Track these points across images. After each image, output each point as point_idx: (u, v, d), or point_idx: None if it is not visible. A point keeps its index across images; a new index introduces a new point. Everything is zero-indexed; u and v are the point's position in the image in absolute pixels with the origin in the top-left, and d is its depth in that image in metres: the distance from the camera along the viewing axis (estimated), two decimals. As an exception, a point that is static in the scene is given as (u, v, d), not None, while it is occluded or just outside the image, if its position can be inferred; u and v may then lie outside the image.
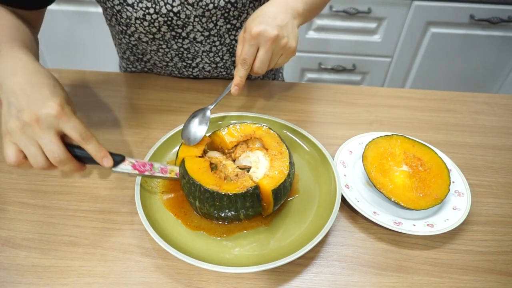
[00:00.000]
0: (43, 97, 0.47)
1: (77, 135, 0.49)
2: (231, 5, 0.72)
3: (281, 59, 0.60)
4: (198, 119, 0.63)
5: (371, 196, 0.63)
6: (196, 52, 0.80)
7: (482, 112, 0.82)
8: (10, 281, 0.51)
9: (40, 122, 0.46)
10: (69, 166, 0.50)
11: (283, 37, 0.57)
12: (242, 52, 0.58)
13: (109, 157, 0.52)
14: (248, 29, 0.57)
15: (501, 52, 1.55)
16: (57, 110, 0.47)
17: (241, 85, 0.60)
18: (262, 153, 0.61)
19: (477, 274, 0.54)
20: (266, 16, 0.57)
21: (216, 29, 0.76)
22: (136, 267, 0.53)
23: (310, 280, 0.52)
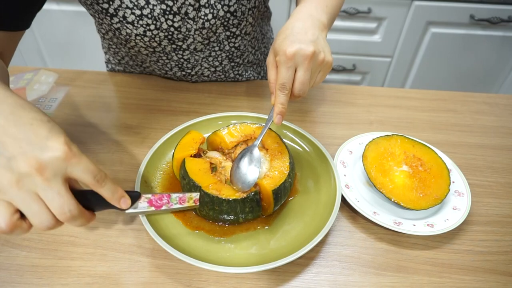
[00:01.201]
0: (40, 137, 0.37)
1: (91, 177, 0.40)
2: (230, 14, 0.72)
3: (319, 76, 0.57)
4: (247, 159, 0.57)
5: (371, 196, 0.63)
6: (195, 61, 0.80)
7: (482, 112, 0.82)
8: (10, 281, 0.51)
9: (43, 171, 0.36)
10: (81, 221, 0.41)
11: (319, 52, 0.54)
12: (279, 76, 0.54)
13: (127, 197, 0.45)
14: (281, 51, 0.53)
15: (501, 52, 1.55)
16: (64, 151, 0.37)
17: (284, 113, 0.55)
18: (262, 153, 0.61)
19: (477, 274, 0.54)
20: (295, 33, 0.54)
21: (215, 36, 0.76)
22: (136, 267, 0.53)
23: (310, 280, 0.52)
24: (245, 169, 0.56)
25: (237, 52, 0.82)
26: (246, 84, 0.86)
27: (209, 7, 0.70)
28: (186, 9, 0.69)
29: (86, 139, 0.71)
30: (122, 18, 0.67)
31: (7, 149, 0.36)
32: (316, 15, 0.58)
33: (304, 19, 0.57)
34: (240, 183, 0.54)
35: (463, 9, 1.42)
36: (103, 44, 0.86)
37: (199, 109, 0.79)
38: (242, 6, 0.71)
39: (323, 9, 0.60)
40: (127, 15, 0.66)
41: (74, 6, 1.49)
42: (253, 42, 0.85)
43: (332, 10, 0.64)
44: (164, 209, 0.51)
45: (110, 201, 0.43)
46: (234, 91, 0.84)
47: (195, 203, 0.53)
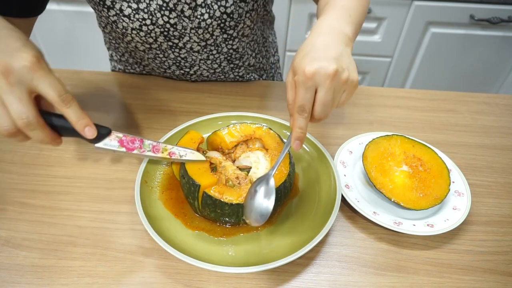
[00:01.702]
0: (14, 48, 0.40)
1: (55, 95, 0.41)
2: (227, 16, 0.71)
3: (344, 96, 0.50)
4: (263, 190, 0.52)
5: (371, 196, 0.63)
6: (193, 61, 0.80)
7: (482, 112, 0.82)
8: (10, 281, 0.51)
9: (9, 75, 0.38)
10: (39, 133, 0.42)
11: (342, 70, 0.47)
12: (297, 98, 0.48)
13: (93, 126, 0.45)
14: (299, 70, 0.47)
15: (501, 52, 1.55)
16: (32, 61, 0.39)
17: (303, 138, 0.50)
18: (262, 153, 0.61)
19: (477, 274, 0.54)
20: (316, 49, 0.48)
21: (213, 39, 0.76)
22: (136, 267, 0.53)
23: (310, 280, 0.52)
24: (261, 201, 0.50)
25: (236, 54, 0.82)
26: (246, 84, 0.86)
27: (205, 7, 0.69)
28: (182, 6, 0.68)
29: (86, 139, 0.71)
30: (118, 11, 0.67)
31: None
32: (339, 28, 0.52)
33: (326, 33, 0.50)
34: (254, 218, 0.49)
35: (463, 9, 1.42)
36: (105, 39, 0.86)
37: (199, 109, 0.79)
38: (240, 8, 0.71)
39: (347, 19, 0.54)
40: (123, 8, 0.67)
41: (74, 6, 1.49)
42: (252, 45, 0.84)
43: (357, 18, 0.57)
44: (136, 153, 0.48)
45: (75, 126, 0.43)
46: (234, 91, 0.84)
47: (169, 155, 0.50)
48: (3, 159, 0.67)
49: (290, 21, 1.50)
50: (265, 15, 0.85)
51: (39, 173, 0.65)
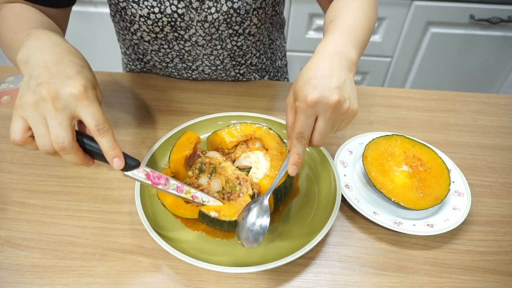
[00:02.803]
0: (67, 75, 0.44)
1: (93, 123, 0.44)
2: (233, 11, 0.71)
3: (342, 124, 0.50)
4: (256, 210, 0.51)
5: (371, 196, 0.63)
6: (197, 55, 0.80)
7: (482, 112, 0.82)
8: (10, 281, 0.51)
9: (57, 100, 0.42)
10: (72, 157, 0.45)
11: (344, 101, 0.47)
12: (297, 124, 0.48)
13: (122, 158, 0.47)
14: (301, 97, 0.47)
15: (501, 52, 1.55)
16: (79, 91, 0.43)
17: (299, 164, 0.50)
18: (262, 153, 0.61)
19: (477, 274, 0.54)
20: (319, 76, 0.47)
21: (218, 33, 0.76)
22: (136, 267, 0.53)
23: (310, 280, 0.52)
24: (253, 222, 0.50)
25: (239, 52, 0.82)
26: (246, 84, 0.86)
27: (213, 1, 0.70)
28: None
29: (86, 139, 0.71)
30: None
31: (39, 77, 0.43)
32: (344, 51, 0.50)
33: (331, 57, 0.49)
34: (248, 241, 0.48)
35: (463, 9, 1.42)
36: (115, 29, 0.87)
37: (199, 109, 0.79)
38: (247, 4, 0.71)
39: (352, 41, 0.53)
40: None
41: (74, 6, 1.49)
42: (258, 44, 0.84)
43: (362, 41, 0.56)
44: (161, 188, 0.51)
45: (105, 155, 0.46)
46: (234, 91, 0.84)
47: (193, 199, 0.53)
48: (3, 159, 0.67)
49: (290, 21, 1.50)
50: (274, 16, 0.84)
51: (39, 173, 0.65)
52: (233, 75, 0.88)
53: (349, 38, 0.53)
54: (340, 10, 0.59)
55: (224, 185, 0.56)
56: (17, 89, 0.82)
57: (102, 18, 1.51)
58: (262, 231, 0.49)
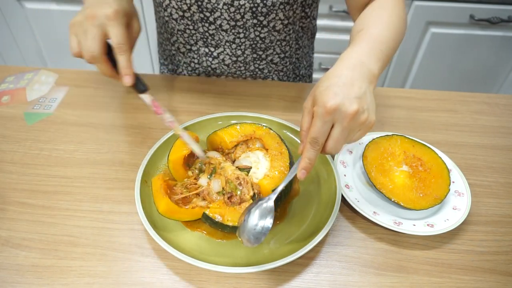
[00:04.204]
0: (107, 3, 0.55)
1: (115, 42, 0.53)
2: (260, 0, 0.72)
3: (357, 135, 0.50)
4: (261, 210, 0.51)
5: (371, 196, 0.63)
6: (220, 40, 0.80)
7: (482, 112, 0.82)
8: (10, 281, 0.51)
9: (94, 19, 0.53)
10: (101, 67, 0.56)
11: (363, 111, 0.47)
12: (312, 129, 0.48)
13: (132, 78, 0.56)
14: (321, 102, 0.46)
15: (501, 52, 1.55)
16: (111, 13, 0.53)
17: (310, 169, 0.49)
18: (262, 153, 0.61)
19: (477, 274, 0.54)
20: (340, 83, 0.47)
21: (243, 21, 0.76)
22: (136, 267, 0.53)
23: (310, 280, 0.52)
24: (256, 223, 0.50)
25: (261, 44, 0.81)
26: (246, 83, 0.86)
27: None
28: None
29: (86, 139, 0.71)
30: None
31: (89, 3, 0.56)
32: (368, 64, 0.50)
33: (354, 66, 0.49)
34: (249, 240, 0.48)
35: (463, 9, 1.42)
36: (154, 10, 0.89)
37: (199, 109, 0.79)
38: None
39: (377, 54, 0.53)
40: None
41: (74, 6, 1.49)
42: (283, 44, 0.83)
43: (387, 55, 0.55)
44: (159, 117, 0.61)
45: (120, 71, 0.56)
46: (234, 90, 0.84)
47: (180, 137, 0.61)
48: (3, 159, 0.67)
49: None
50: (303, 18, 0.83)
51: (39, 173, 0.65)
52: (252, 70, 0.87)
53: (374, 50, 0.53)
54: (369, 20, 0.59)
55: (224, 185, 0.56)
56: (17, 89, 0.82)
57: (102, 18, 1.50)
58: (264, 232, 0.49)
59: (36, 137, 0.71)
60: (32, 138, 0.71)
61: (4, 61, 1.67)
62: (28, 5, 1.50)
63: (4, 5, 1.51)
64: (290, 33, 0.82)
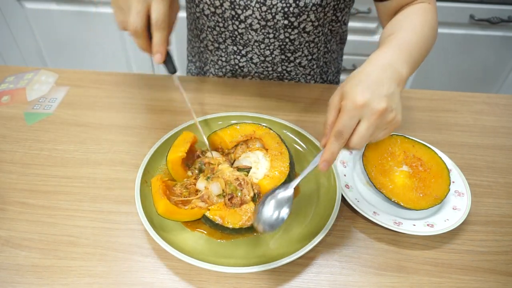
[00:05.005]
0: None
1: (154, 18, 0.52)
2: (293, 1, 0.72)
3: (382, 133, 0.50)
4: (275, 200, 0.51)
5: (371, 196, 0.63)
6: (248, 40, 0.80)
7: (482, 112, 0.82)
8: (10, 281, 0.51)
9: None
10: (140, 41, 0.54)
11: (391, 110, 0.48)
12: (338, 123, 0.48)
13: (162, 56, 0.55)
14: (350, 97, 0.47)
15: (501, 52, 1.55)
16: None
17: (331, 162, 0.49)
18: (262, 153, 0.61)
19: (477, 274, 0.54)
20: (370, 81, 0.48)
21: (273, 21, 0.76)
22: (136, 267, 0.53)
23: (310, 280, 0.52)
24: (272, 212, 0.50)
25: (291, 46, 0.81)
26: (246, 83, 0.86)
27: None
28: None
29: (86, 139, 0.71)
30: None
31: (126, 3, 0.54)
32: (397, 66, 0.51)
33: (383, 68, 0.50)
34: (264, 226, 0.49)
35: (463, 9, 1.42)
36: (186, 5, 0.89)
37: (199, 109, 0.79)
38: None
39: (406, 58, 0.53)
40: None
41: (74, 6, 1.49)
42: (311, 46, 0.83)
43: (416, 59, 0.57)
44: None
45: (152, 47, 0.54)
46: (234, 91, 0.84)
47: None
48: (3, 159, 0.67)
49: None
50: (334, 22, 0.82)
51: (39, 173, 0.65)
52: (279, 71, 0.87)
53: (404, 54, 0.54)
54: (400, 25, 0.60)
55: (224, 187, 0.56)
56: (17, 89, 0.82)
57: (102, 18, 1.50)
58: (281, 219, 0.49)
59: (36, 137, 0.71)
60: (32, 138, 0.71)
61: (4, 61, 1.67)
62: (28, 5, 1.50)
63: (4, 5, 1.51)
64: (319, 35, 0.82)
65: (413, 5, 0.65)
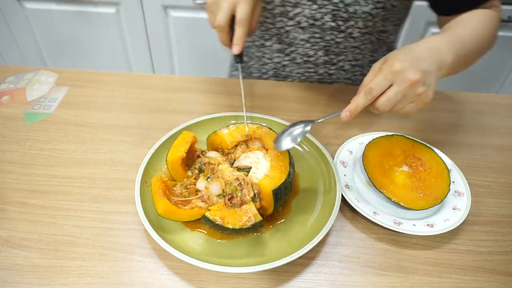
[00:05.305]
0: None
1: (239, 15, 0.58)
2: (343, 5, 0.72)
3: (410, 106, 0.54)
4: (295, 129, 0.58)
5: (371, 196, 0.63)
6: (294, 38, 0.81)
7: (482, 112, 0.82)
8: (10, 281, 0.51)
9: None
10: (221, 35, 0.61)
11: (423, 84, 0.51)
12: (372, 81, 0.52)
13: (240, 48, 0.60)
14: (389, 62, 0.52)
15: (501, 52, 1.55)
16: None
17: (354, 114, 0.53)
18: (262, 153, 0.61)
19: (477, 274, 0.54)
20: (413, 55, 0.52)
21: (321, 22, 0.76)
22: (136, 267, 0.53)
23: (310, 280, 0.52)
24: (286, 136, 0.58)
25: (335, 48, 0.81)
26: (246, 83, 0.86)
27: None
28: None
29: (86, 139, 0.71)
30: None
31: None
32: (443, 52, 0.55)
33: (430, 49, 0.54)
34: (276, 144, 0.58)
35: (463, 9, 1.42)
36: None
37: (199, 109, 0.79)
38: (357, 4, 0.71)
39: (456, 47, 0.57)
40: None
41: (74, 6, 1.49)
42: (356, 53, 0.83)
43: (466, 54, 0.60)
44: None
45: (233, 40, 0.61)
46: (235, 91, 0.84)
47: None
48: (3, 159, 0.67)
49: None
50: (382, 32, 0.81)
51: (39, 173, 0.65)
52: (321, 73, 0.87)
53: (455, 43, 0.57)
54: (460, 22, 0.64)
55: (224, 187, 0.56)
56: (17, 89, 0.82)
57: (102, 18, 1.50)
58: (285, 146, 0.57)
59: (36, 137, 0.71)
60: (32, 138, 0.71)
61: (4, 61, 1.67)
62: (28, 5, 1.50)
63: (4, 5, 1.51)
64: (365, 43, 0.81)
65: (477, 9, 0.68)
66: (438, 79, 0.54)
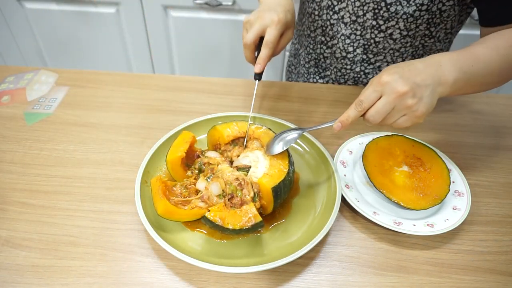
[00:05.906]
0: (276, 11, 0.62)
1: (267, 38, 0.61)
2: (384, 4, 0.72)
3: (402, 119, 0.53)
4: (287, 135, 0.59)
5: (371, 196, 0.63)
6: (337, 32, 0.82)
7: (482, 112, 0.82)
8: (10, 281, 0.51)
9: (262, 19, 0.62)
10: (247, 52, 0.64)
11: (413, 96, 0.50)
12: (362, 93, 0.54)
13: (261, 68, 0.62)
14: (380, 74, 0.53)
15: (501, 52, 1.55)
16: (275, 19, 0.61)
17: (345, 124, 0.54)
18: (261, 152, 0.61)
19: (477, 274, 0.54)
20: (407, 68, 0.52)
21: (363, 19, 0.77)
22: (136, 267, 0.53)
23: (310, 280, 0.52)
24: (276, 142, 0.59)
25: (374, 48, 0.81)
26: (246, 83, 0.86)
27: None
28: None
29: (86, 139, 0.71)
30: None
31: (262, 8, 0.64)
32: (445, 68, 0.53)
33: (430, 64, 0.53)
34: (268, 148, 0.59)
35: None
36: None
37: (199, 109, 0.79)
38: (399, 5, 0.71)
39: (462, 66, 0.55)
40: None
41: (74, 6, 1.49)
42: (395, 55, 0.82)
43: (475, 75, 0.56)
44: None
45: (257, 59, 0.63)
46: (235, 91, 0.84)
47: None
48: (3, 159, 0.67)
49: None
50: (426, 37, 0.78)
51: (39, 173, 0.65)
52: (357, 72, 0.87)
53: (463, 62, 0.55)
54: (485, 40, 0.60)
55: (224, 187, 0.56)
56: (17, 89, 0.82)
57: (102, 18, 1.50)
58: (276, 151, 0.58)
59: (36, 137, 0.71)
60: (32, 138, 0.71)
61: (4, 61, 1.67)
62: (28, 5, 1.50)
63: (4, 5, 1.51)
64: (406, 46, 0.80)
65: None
66: (440, 95, 0.53)
